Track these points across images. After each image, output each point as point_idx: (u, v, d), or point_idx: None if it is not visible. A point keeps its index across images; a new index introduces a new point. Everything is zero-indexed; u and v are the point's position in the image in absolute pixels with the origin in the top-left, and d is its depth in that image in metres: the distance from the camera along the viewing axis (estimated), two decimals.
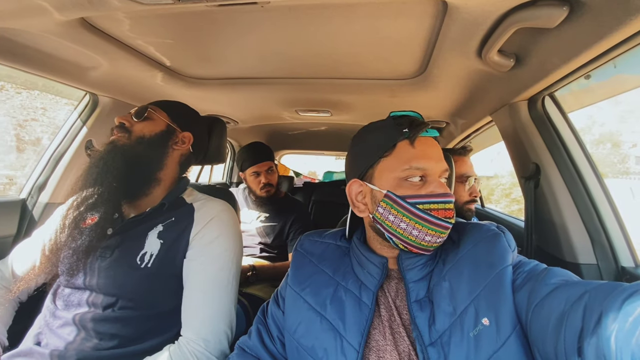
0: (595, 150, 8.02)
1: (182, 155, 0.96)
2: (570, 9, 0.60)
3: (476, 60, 0.88)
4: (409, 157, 0.63)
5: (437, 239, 0.61)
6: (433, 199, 0.61)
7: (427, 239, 0.60)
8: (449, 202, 0.61)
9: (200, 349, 0.77)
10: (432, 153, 0.64)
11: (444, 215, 0.60)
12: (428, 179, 0.63)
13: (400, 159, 0.63)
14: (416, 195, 0.61)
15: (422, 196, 0.61)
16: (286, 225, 1.79)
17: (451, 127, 1.73)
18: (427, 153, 0.63)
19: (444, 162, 0.65)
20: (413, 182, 0.62)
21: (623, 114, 8.75)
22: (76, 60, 1.00)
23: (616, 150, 8.34)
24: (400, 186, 0.63)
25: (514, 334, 0.54)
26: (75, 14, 0.75)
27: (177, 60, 1.14)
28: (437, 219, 0.60)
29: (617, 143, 8.60)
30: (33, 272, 0.87)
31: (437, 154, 0.65)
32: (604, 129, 8.58)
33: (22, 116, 4.21)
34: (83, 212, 0.85)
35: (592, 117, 8.30)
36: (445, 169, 0.65)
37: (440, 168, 0.64)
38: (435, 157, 0.64)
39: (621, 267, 0.87)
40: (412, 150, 0.63)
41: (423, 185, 0.63)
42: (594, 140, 8.39)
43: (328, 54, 1.01)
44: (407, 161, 0.62)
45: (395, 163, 0.64)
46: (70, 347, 0.77)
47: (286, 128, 2.36)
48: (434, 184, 0.62)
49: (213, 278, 0.84)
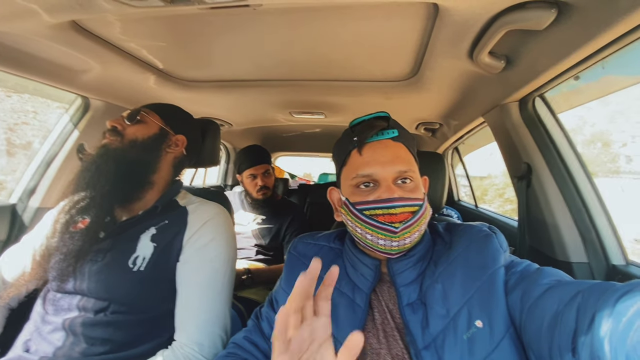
0: (587, 150, 8.12)
1: (176, 158, 0.95)
2: (558, 11, 0.61)
3: (468, 62, 0.89)
4: (357, 165, 0.65)
5: (392, 243, 0.60)
6: (377, 205, 0.61)
7: (381, 242, 0.61)
8: (394, 207, 0.60)
9: (194, 353, 0.76)
10: (380, 157, 0.63)
11: (389, 220, 0.60)
12: (380, 184, 0.63)
13: (351, 168, 0.66)
14: (363, 202, 0.63)
15: (368, 202, 0.62)
16: (282, 227, 1.78)
17: (444, 129, 1.74)
18: (374, 158, 0.63)
19: (397, 164, 0.63)
20: (362, 189, 0.64)
21: (613, 114, 8.88)
22: (67, 63, 1.00)
23: (606, 150, 8.46)
24: (354, 193, 0.65)
25: (507, 335, 0.54)
26: (65, 17, 0.74)
27: (170, 63, 1.13)
28: (382, 223, 0.60)
29: (608, 142, 8.72)
30: (23, 278, 0.86)
31: (387, 157, 0.63)
32: (594, 129, 8.70)
33: (12, 120, 4.15)
34: (74, 215, 0.84)
35: (582, 117, 8.40)
36: (399, 171, 0.63)
37: (391, 171, 0.63)
38: (384, 160, 0.63)
39: (612, 265, 0.88)
40: (359, 158, 0.65)
41: (373, 190, 0.63)
42: (585, 140, 8.49)
43: (321, 56, 1.02)
44: (355, 169, 0.65)
45: (348, 172, 0.67)
46: (59, 353, 0.75)
47: (280, 130, 2.36)
48: (381, 189, 0.62)
49: (207, 281, 0.83)
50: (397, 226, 0.60)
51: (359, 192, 0.64)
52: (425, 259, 0.66)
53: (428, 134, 1.93)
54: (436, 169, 1.00)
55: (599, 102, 1.02)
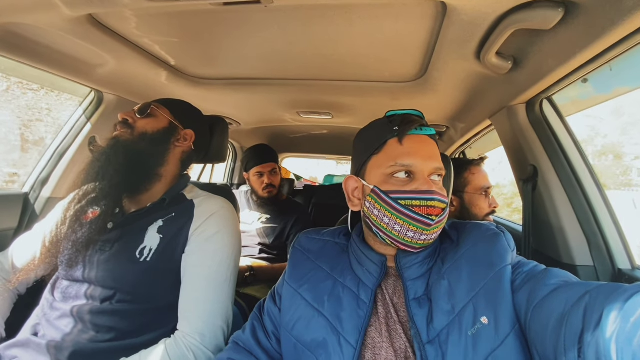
0: (598, 161, 7.98)
1: (184, 152, 0.97)
2: (565, 10, 0.61)
3: (475, 63, 0.90)
4: (396, 154, 0.64)
5: (421, 236, 0.61)
6: (415, 195, 0.61)
7: (410, 234, 0.61)
8: (433, 199, 0.61)
9: (196, 343, 0.77)
10: (421, 150, 0.64)
11: (426, 212, 0.60)
12: (415, 176, 0.63)
13: (388, 156, 0.65)
14: (399, 191, 0.62)
15: (405, 192, 0.62)
16: (287, 227, 1.79)
17: (451, 132, 1.74)
18: (415, 150, 0.64)
19: (435, 160, 0.64)
20: (399, 178, 0.64)
21: (625, 126, 8.74)
22: (83, 57, 1.03)
23: (618, 162, 8.31)
24: (387, 182, 0.64)
25: (512, 333, 0.54)
26: (83, 10, 0.77)
27: (182, 60, 1.16)
28: (418, 215, 0.60)
29: (620, 155, 8.56)
30: (33, 263, 0.88)
31: (426, 151, 0.64)
32: (606, 140, 8.56)
33: (27, 116, 4.25)
34: (85, 206, 0.86)
35: (594, 128, 8.29)
36: (436, 167, 0.64)
37: (430, 166, 0.64)
38: (424, 154, 0.64)
39: (618, 269, 0.87)
40: (399, 147, 0.65)
41: (409, 182, 0.63)
42: (596, 152, 8.35)
43: (330, 55, 1.03)
44: (393, 158, 0.64)
45: (384, 160, 0.66)
46: (67, 339, 0.77)
47: (288, 131, 2.38)
48: (419, 181, 0.62)
49: (211, 273, 0.84)
50: (434, 219, 0.60)
51: (393, 181, 0.64)
52: (433, 256, 0.66)
53: (435, 137, 1.93)
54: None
55: (611, 113, 1.02)
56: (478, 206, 1.27)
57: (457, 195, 1.29)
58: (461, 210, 1.29)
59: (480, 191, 1.27)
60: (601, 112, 6.00)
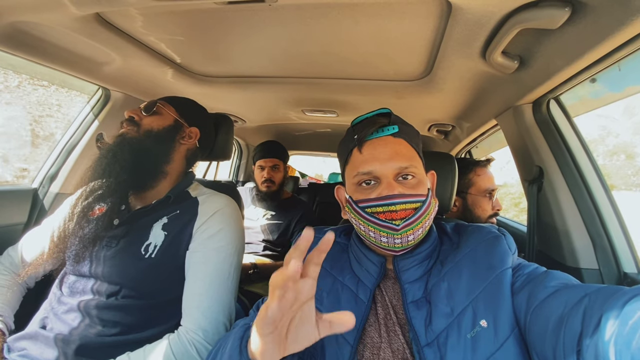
0: (609, 161, 7.84)
1: (189, 149, 0.98)
2: (572, 9, 0.60)
3: (480, 62, 0.89)
4: (358, 163, 0.65)
5: (395, 240, 0.61)
6: (377, 202, 0.61)
7: (384, 240, 0.61)
8: (393, 204, 0.60)
9: (198, 338, 0.78)
10: (380, 154, 0.63)
11: (390, 217, 0.60)
12: (381, 181, 0.63)
13: (353, 166, 0.67)
14: (365, 200, 0.63)
15: (370, 200, 0.63)
16: (292, 223, 1.81)
17: (457, 131, 1.73)
18: (373, 156, 0.64)
19: (396, 160, 0.63)
20: (365, 186, 0.65)
21: (638, 126, 8.57)
22: (91, 55, 1.04)
23: (630, 162, 8.15)
24: (357, 191, 0.66)
25: (512, 336, 0.54)
26: (90, 9, 0.78)
27: (187, 58, 1.16)
28: (383, 221, 0.61)
29: (632, 155, 8.40)
30: (41, 258, 0.90)
31: (386, 154, 0.63)
32: (618, 140, 8.40)
33: (37, 112, 4.31)
34: (92, 202, 0.88)
35: (606, 127, 8.14)
36: (399, 167, 0.63)
37: (391, 167, 0.62)
38: (383, 158, 0.63)
39: (623, 272, 0.85)
40: (360, 156, 0.65)
41: (375, 188, 0.64)
42: (607, 152, 8.20)
43: (334, 54, 1.03)
44: (356, 167, 0.65)
45: (350, 170, 0.68)
46: (74, 332, 0.79)
47: (293, 128, 2.38)
48: (382, 186, 0.62)
49: (214, 270, 0.85)
50: (398, 224, 0.60)
51: (361, 190, 0.65)
52: (431, 258, 0.66)
53: (440, 136, 1.92)
54: (446, 169, 1.00)
55: (623, 112, 1.00)
56: (481, 208, 1.26)
57: (460, 195, 1.28)
58: (464, 211, 1.28)
59: (484, 193, 1.26)
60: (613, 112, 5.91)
